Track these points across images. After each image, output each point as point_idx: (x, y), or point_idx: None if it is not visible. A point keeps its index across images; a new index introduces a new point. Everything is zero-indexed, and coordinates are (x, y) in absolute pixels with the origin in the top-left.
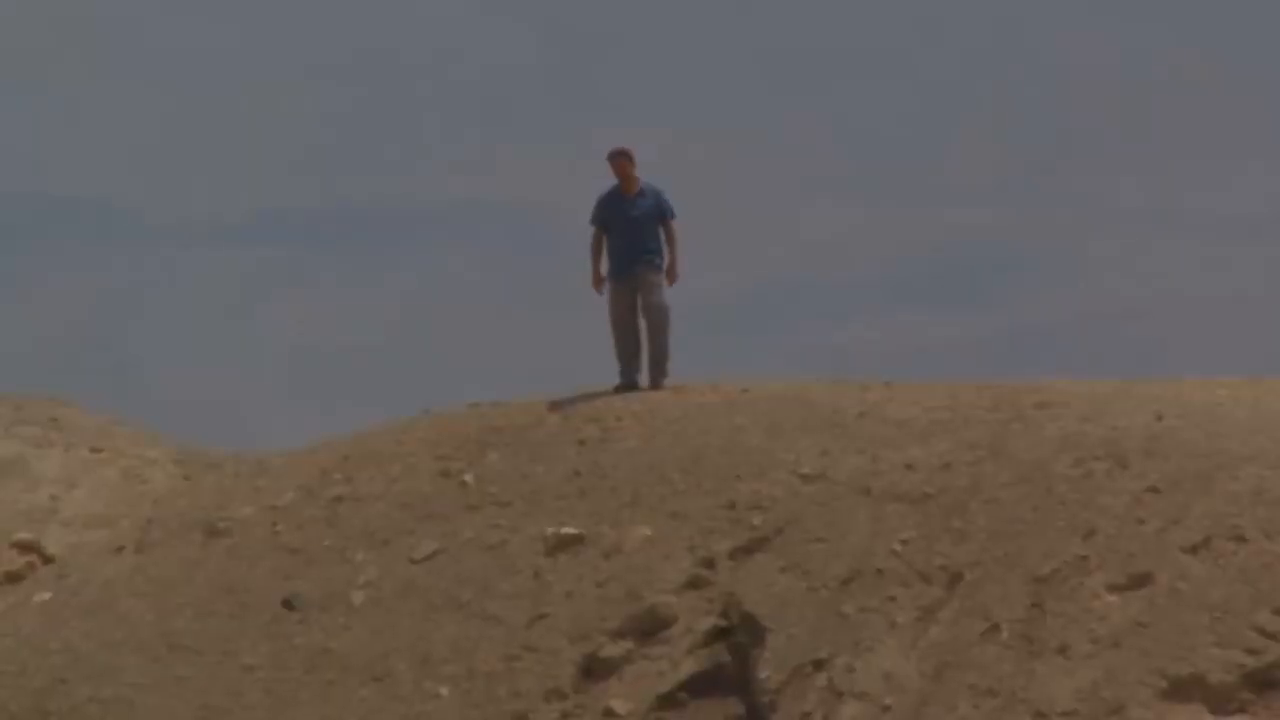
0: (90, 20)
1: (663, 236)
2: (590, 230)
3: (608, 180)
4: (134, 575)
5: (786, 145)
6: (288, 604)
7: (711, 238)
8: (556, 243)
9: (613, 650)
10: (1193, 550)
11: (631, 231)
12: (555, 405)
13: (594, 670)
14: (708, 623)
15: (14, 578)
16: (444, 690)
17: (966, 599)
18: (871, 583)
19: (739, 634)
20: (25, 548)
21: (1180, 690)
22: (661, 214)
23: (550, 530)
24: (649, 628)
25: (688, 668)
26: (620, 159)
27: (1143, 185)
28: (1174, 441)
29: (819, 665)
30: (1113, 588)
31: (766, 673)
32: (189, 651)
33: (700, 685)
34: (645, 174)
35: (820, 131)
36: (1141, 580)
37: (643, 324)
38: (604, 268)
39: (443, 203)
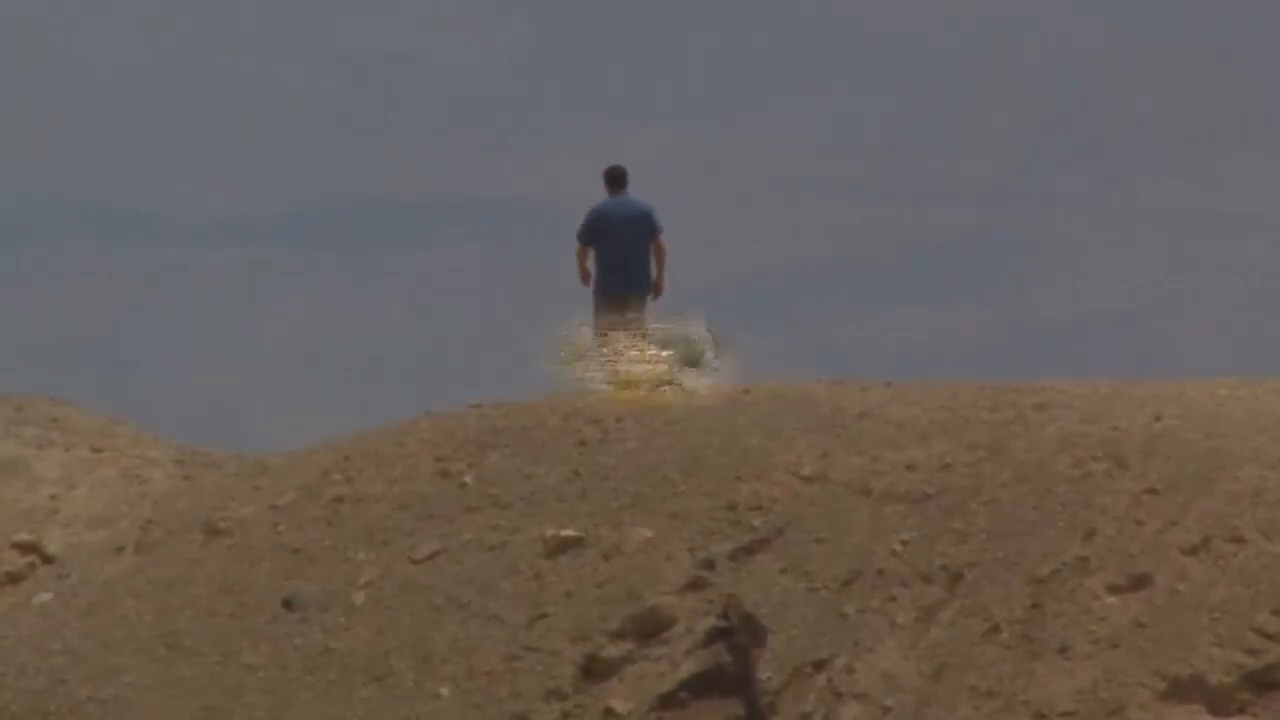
0: (91, 20)
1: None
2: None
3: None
4: (134, 575)
5: (784, 145)
6: (288, 604)
7: (710, 237)
8: (557, 242)
9: (613, 651)
10: (1192, 551)
11: None
12: (555, 406)
13: (594, 670)
14: (708, 623)
15: (14, 578)
16: (444, 690)
17: (967, 599)
18: (872, 583)
19: (739, 635)
20: (26, 548)
21: (1179, 691)
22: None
23: (550, 532)
24: (649, 628)
25: (688, 668)
26: None
27: (1143, 185)
28: (1173, 442)
29: (819, 666)
30: (1112, 588)
31: (767, 673)
32: (189, 651)
33: (700, 686)
34: (636, 176)
35: (819, 131)
36: (1141, 581)
37: None
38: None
39: (442, 201)
